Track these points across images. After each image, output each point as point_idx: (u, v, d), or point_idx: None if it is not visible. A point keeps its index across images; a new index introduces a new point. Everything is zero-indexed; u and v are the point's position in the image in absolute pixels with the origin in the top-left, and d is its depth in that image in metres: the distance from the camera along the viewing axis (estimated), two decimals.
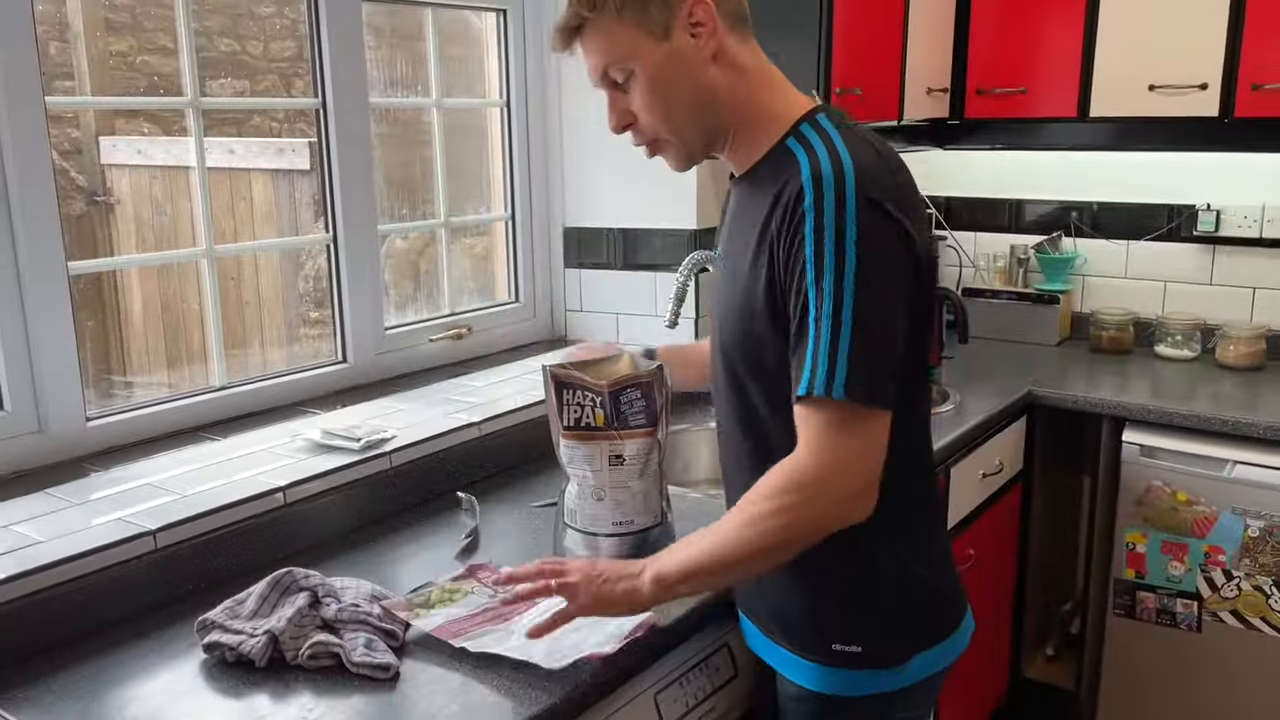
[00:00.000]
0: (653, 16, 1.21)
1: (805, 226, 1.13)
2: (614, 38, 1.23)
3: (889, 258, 1.15)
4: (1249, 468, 2.38)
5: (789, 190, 1.16)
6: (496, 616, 1.43)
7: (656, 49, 1.22)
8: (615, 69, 1.25)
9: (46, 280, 1.70)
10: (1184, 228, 2.96)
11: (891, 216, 1.15)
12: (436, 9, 2.41)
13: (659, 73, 1.23)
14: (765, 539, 1.16)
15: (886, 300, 1.15)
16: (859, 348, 1.12)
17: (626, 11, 1.21)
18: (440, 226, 2.51)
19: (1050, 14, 2.77)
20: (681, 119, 1.26)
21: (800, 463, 1.16)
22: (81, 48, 3.19)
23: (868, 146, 1.21)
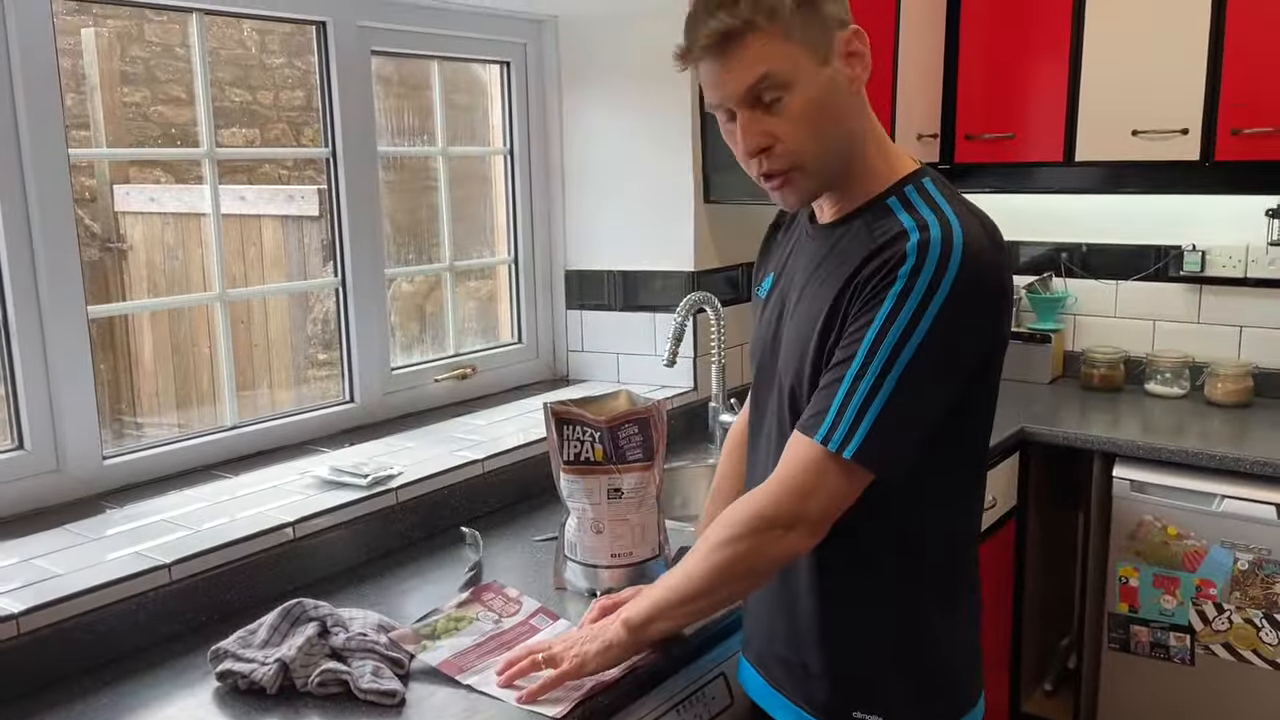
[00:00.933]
0: (817, 38, 1.17)
1: (893, 288, 1.11)
2: (780, 51, 1.15)
3: (958, 348, 1.14)
4: (1237, 502, 2.43)
5: (892, 251, 1.13)
6: (500, 645, 1.48)
7: (819, 72, 1.17)
8: (771, 85, 1.16)
9: (67, 324, 1.77)
10: (1171, 268, 3.03)
11: (985, 307, 1.15)
12: (443, 61, 2.50)
13: (819, 96, 1.18)
14: (724, 567, 1.20)
15: (934, 382, 1.14)
16: (887, 418, 1.12)
17: (797, 29, 1.15)
18: (445, 270, 2.58)
19: (1035, 61, 2.86)
20: (829, 147, 1.21)
21: (762, 499, 1.19)
22: (98, 99, 3.29)
23: (975, 221, 1.17)
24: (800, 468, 1.17)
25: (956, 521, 1.31)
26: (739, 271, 2.72)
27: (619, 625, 1.31)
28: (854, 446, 1.13)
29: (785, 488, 1.17)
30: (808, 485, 1.16)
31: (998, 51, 2.91)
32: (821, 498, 1.16)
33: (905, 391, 1.12)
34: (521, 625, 1.54)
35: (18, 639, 1.37)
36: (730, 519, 1.21)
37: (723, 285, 2.64)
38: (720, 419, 2.49)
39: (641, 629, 1.31)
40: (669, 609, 1.28)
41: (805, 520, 1.17)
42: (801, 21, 1.15)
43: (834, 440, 1.14)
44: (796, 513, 1.17)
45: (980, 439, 1.30)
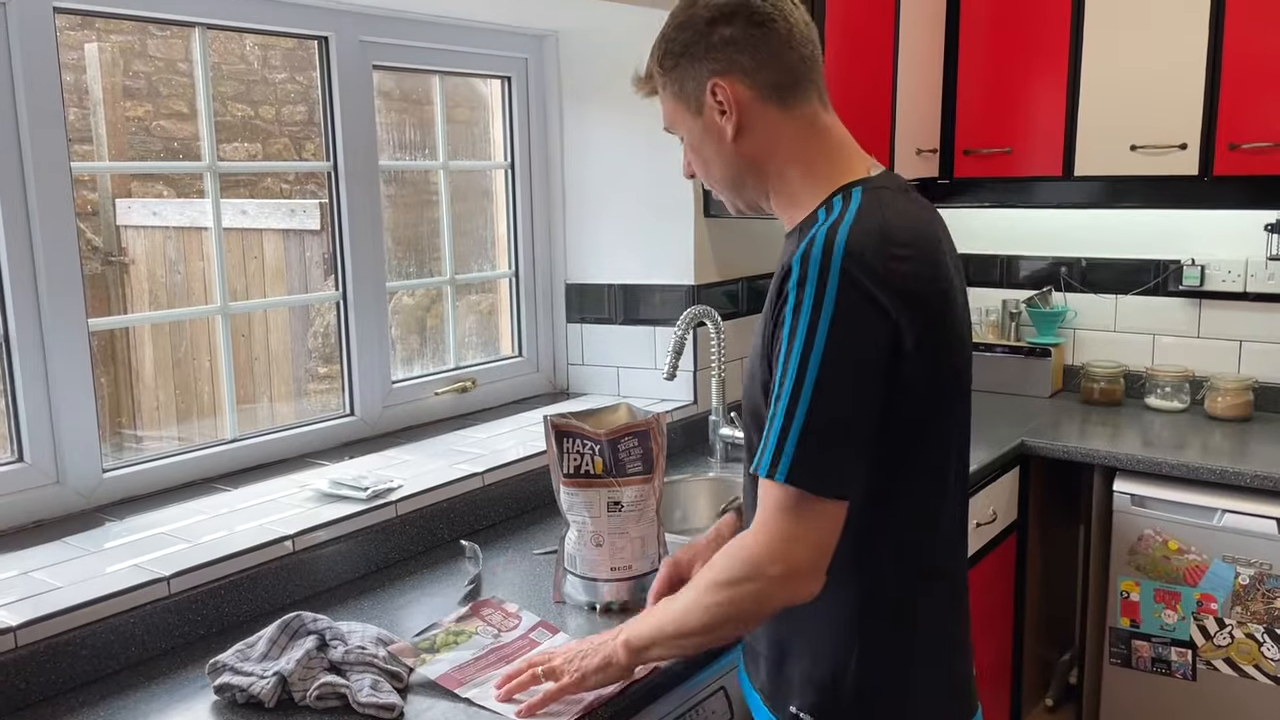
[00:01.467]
0: (688, 93, 1.29)
1: (788, 305, 1.14)
2: (665, 104, 1.34)
3: (864, 345, 1.12)
4: (1238, 516, 2.43)
5: (787, 264, 1.16)
6: (500, 659, 1.47)
7: (694, 121, 1.30)
8: (670, 129, 1.36)
9: (68, 337, 1.78)
10: (1170, 282, 3.04)
11: (872, 311, 1.11)
12: (444, 75, 2.51)
13: (694, 141, 1.32)
14: (721, 610, 1.20)
15: (852, 390, 1.12)
16: (810, 435, 1.11)
17: (668, 87, 1.32)
18: (446, 284, 2.59)
19: (1034, 77, 2.87)
20: (717, 182, 1.34)
21: (746, 543, 1.18)
22: (100, 114, 3.30)
23: (877, 228, 1.15)
24: (772, 511, 1.15)
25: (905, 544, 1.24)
26: (739, 285, 2.72)
27: (620, 644, 1.32)
28: (784, 469, 1.11)
29: (767, 535, 1.15)
30: (788, 531, 1.14)
31: (996, 67, 2.93)
32: (805, 542, 1.14)
33: (821, 405, 1.11)
34: (521, 639, 1.53)
35: (15, 652, 1.37)
36: (731, 559, 1.19)
37: (722, 299, 2.64)
38: (720, 432, 2.49)
39: (640, 652, 1.31)
40: (667, 639, 1.28)
41: (797, 568, 1.14)
42: (671, 79, 1.31)
43: (763, 467, 1.13)
44: (789, 562, 1.14)
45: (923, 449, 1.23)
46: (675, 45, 1.29)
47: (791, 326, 1.13)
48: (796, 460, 1.11)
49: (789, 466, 1.11)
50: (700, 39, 1.26)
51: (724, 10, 1.25)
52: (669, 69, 1.30)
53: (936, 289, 1.19)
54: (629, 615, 1.61)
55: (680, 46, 1.28)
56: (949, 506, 1.29)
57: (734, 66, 1.25)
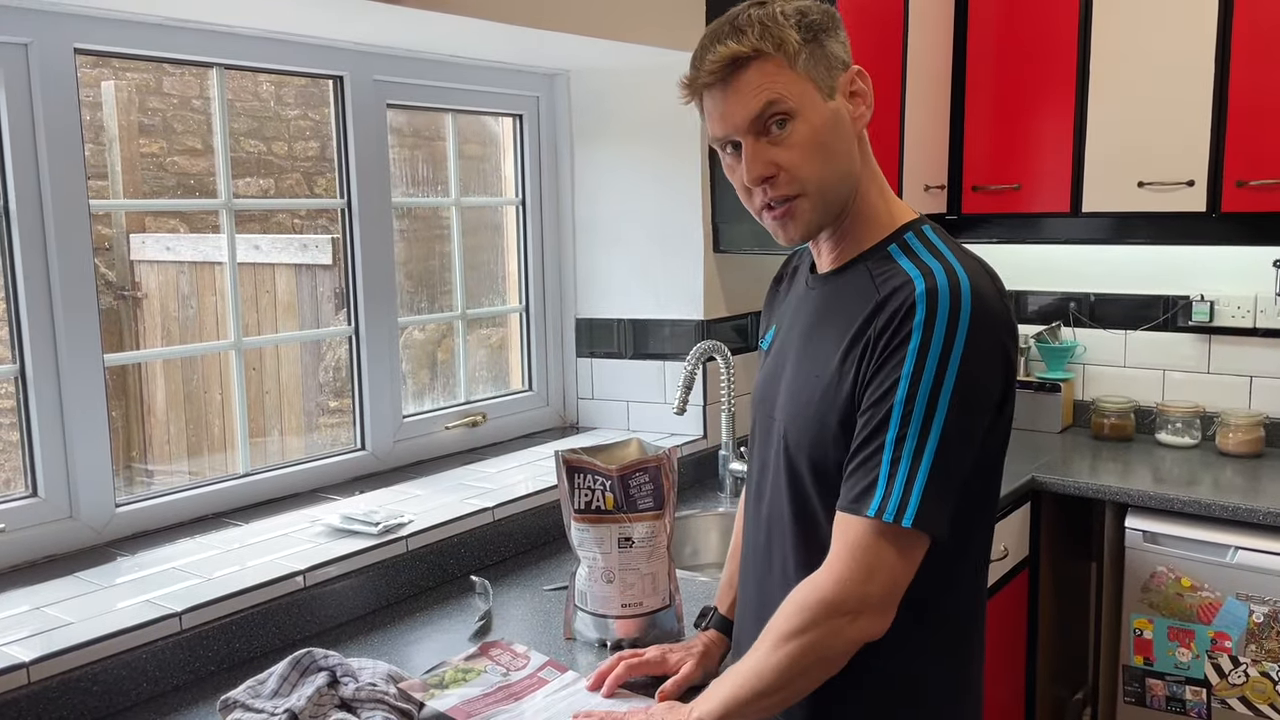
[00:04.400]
0: (823, 73, 1.19)
1: (911, 343, 1.10)
2: (787, 79, 1.17)
3: (986, 389, 1.13)
4: (1251, 553, 2.41)
5: (898, 301, 1.13)
6: (509, 696, 1.47)
7: (824, 105, 1.19)
8: (776, 112, 1.17)
9: (83, 372, 1.79)
10: (1179, 318, 3.04)
11: (1000, 346, 1.14)
12: (457, 113, 2.54)
13: (823, 127, 1.19)
14: (794, 659, 1.15)
15: (972, 433, 1.13)
16: (937, 478, 1.10)
17: (803, 59, 1.17)
18: (457, 318, 2.60)
19: (1041, 114, 2.89)
20: (830, 180, 1.21)
21: (823, 582, 1.15)
22: (116, 150, 3.35)
23: (977, 265, 1.18)
24: (857, 548, 1.13)
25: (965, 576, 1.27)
26: (748, 320, 2.73)
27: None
28: (911, 514, 1.10)
29: (847, 571, 1.13)
30: (868, 566, 1.12)
31: (1004, 103, 2.95)
32: (883, 577, 1.12)
33: (949, 448, 1.10)
34: (530, 679, 1.53)
35: (28, 688, 1.37)
36: (796, 608, 1.16)
37: (731, 334, 2.65)
38: (730, 467, 2.49)
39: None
40: (742, 705, 1.19)
41: (870, 604, 1.13)
42: (808, 55, 1.18)
43: (888, 512, 1.10)
44: (862, 597, 1.12)
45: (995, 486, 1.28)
46: (815, 21, 1.18)
47: (917, 363, 1.10)
48: (925, 503, 1.10)
49: (917, 511, 1.09)
50: (834, 24, 1.20)
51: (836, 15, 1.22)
52: (808, 41, 1.17)
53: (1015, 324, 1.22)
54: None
55: (823, 21, 1.19)
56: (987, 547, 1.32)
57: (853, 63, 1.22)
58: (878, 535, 1.12)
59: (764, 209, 1.23)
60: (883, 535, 1.12)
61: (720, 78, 1.18)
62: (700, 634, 1.56)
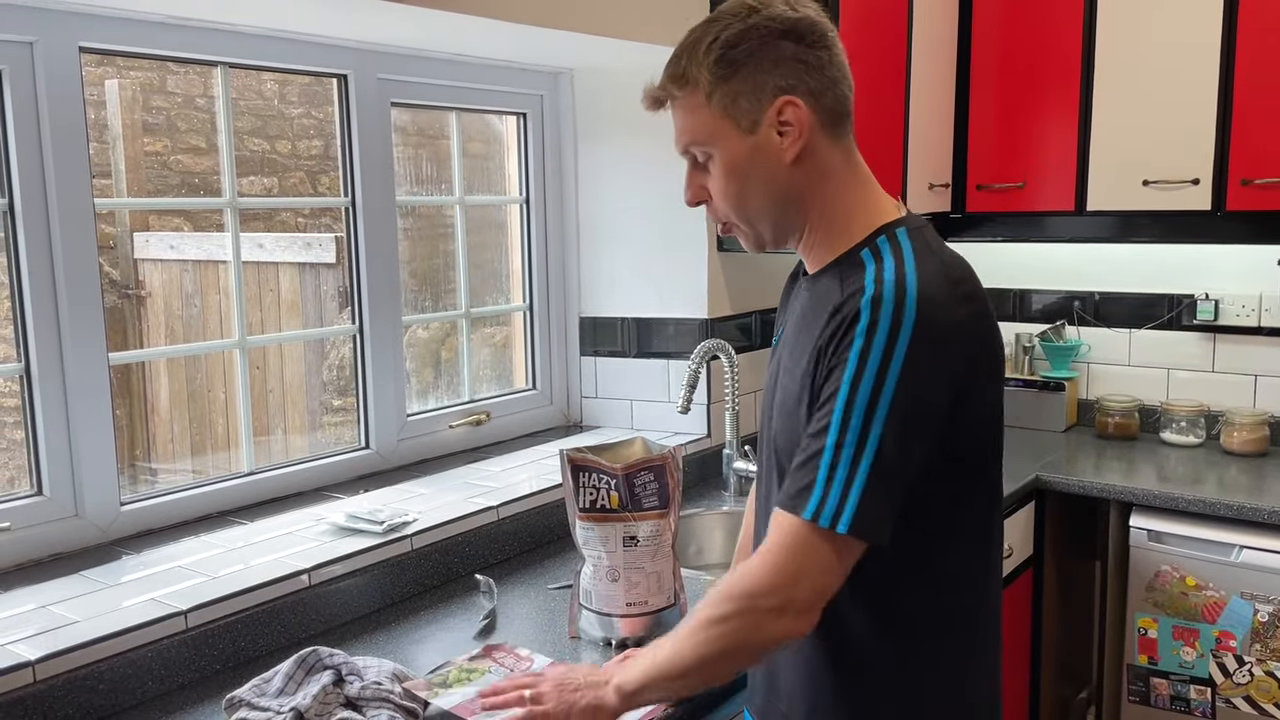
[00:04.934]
0: (741, 108, 1.18)
1: (853, 349, 1.11)
2: (700, 119, 1.21)
3: (928, 398, 1.12)
4: (1256, 552, 2.41)
5: (848, 308, 1.13)
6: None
7: (740, 141, 1.20)
8: (696, 149, 1.24)
9: (88, 372, 1.79)
10: (1184, 317, 3.04)
11: (946, 353, 1.12)
12: (460, 112, 2.54)
13: (738, 164, 1.21)
14: (713, 645, 1.16)
15: (912, 438, 1.12)
16: (873, 485, 1.10)
17: (716, 98, 1.19)
18: (461, 317, 2.60)
19: (1045, 112, 2.89)
20: (753, 211, 1.24)
21: (753, 571, 1.15)
22: (120, 149, 3.35)
23: (939, 272, 1.15)
24: (788, 547, 1.13)
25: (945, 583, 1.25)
26: (752, 319, 2.73)
27: (611, 689, 1.27)
28: (847, 519, 1.09)
29: (777, 567, 1.13)
30: (797, 567, 1.12)
31: (1008, 101, 2.95)
32: (812, 580, 1.12)
33: (887, 454, 1.10)
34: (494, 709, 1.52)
35: (34, 686, 1.37)
36: (724, 595, 1.17)
37: (736, 333, 2.65)
38: (734, 465, 2.49)
39: (632, 697, 1.26)
40: (660, 680, 1.23)
41: (796, 604, 1.13)
42: (724, 92, 1.19)
43: (824, 517, 1.10)
44: (789, 596, 1.13)
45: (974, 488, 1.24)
46: (736, 53, 1.18)
47: (857, 370, 1.10)
48: (859, 513, 1.09)
49: (853, 517, 1.09)
50: (766, 50, 1.17)
51: (794, 25, 1.18)
52: (722, 78, 1.18)
53: (989, 325, 1.20)
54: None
55: (742, 55, 1.17)
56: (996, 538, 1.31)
57: (801, 86, 1.18)
58: (812, 537, 1.12)
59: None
60: (817, 538, 1.11)
61: (653, 110, 1.26)
62: None
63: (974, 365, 1.15)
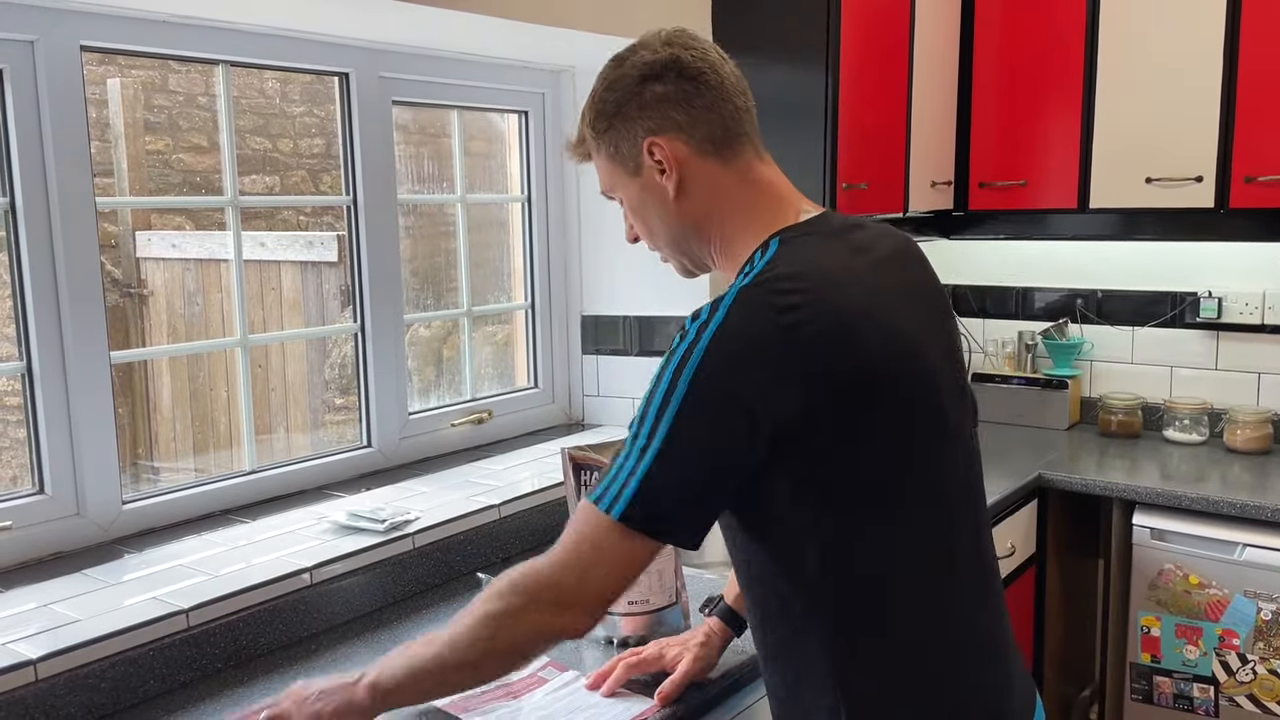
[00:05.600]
0: (624, 154, 1.27)
1: (666, 354, 1.14)
2: (601, 168, 1.32)
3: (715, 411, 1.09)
4: (1260, 550, 2.40)
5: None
6: (507, 694, 1.47)
7: (631, 183, 1.28)
8: (608, 194, 1.35)
9: (90, 371, 1.79)
10: (1187, 314, 3.03)
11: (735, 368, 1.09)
12: (462, 110, 2.54)
13: (634, 203, 1.30)
14: (487, 641, 1.14)
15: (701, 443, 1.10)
16: (652, 482, 1.09)
17: (603, 149, 1.29)
18: (463, 315, 2.60)
19: (1048, 109, 2.88)
20: (664, 243, 1.32)
21: (539, 565, 1.14)
22: (122, 147, 3.35)
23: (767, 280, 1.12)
24: (582, 540, 1.13)
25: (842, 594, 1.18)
26: None
27: (363, 687, 1.19)
28: (621, 507, 1.09)
29: (567, 561, 1.13)
30: (586, 563, 1.12)
31: (1011, 99, 2.94)
32: (600, 572, 1.12)
33: (674, 449, 1.09)
34: (530, 677, 1.52)
35: (35, 685, 1.37)
36: (507, 585, 1.15)
37: None
38: None
39: (388, 696, 1.19)
40: (423, 675, 1.17)
41: (581, 600, 1.13)
42: (607, 141, 1.28)
43: (604, 501, 1.11)
44: (575, 591, 1.13)
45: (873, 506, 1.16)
46: (607, 106, 1.27)
47: (659, 373, 1.12)
48: (632, 503, 1.09)
49: (625, 505, 1.09)
50: (632, 98, 1.25)
51: (653, 67, 1.24)
52: (602, 131, 1.28)
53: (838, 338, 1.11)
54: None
55: (612, 107, 1.26)
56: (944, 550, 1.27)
57: (668, 124, 1.23)
58: (602, 531, 1.11)
59: None
60: (606, 532, 1.11)
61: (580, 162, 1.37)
62: (704, 622, 1.55)
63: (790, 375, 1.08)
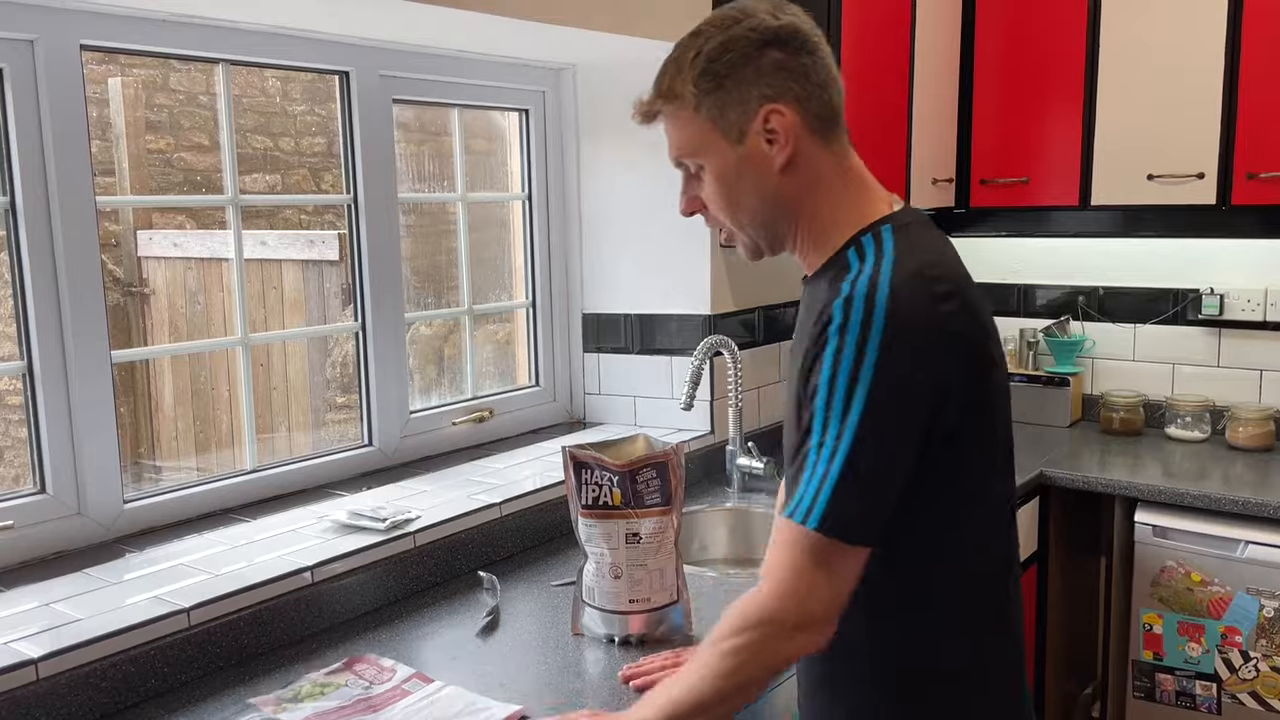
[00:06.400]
0: (729, 119, 1.19)
1: (827, 350, 1.10)
2: (689, 131, 1.22)
3: (901, 404, 1.10)
4: (1262, 548, 2.40)
5: (826, 311, 1.12)
6: (367, 708, 1.45)
7: (729, 151, 1.20)
8: (688, 160, 1.24)
9: (91, 370, 1.79)
10: (1189, 311, 3.03)
11: (919, 355, 1.10)
12: (463, 108, 2.54)
13: (728, 174, 1.21)
14: (730, 676, 1.15)
15: (889, 440, 1.10)
16: (846, 486, 1.09)
17: (704, 109, 1.20)
18: (464, 314, 2.60)
19: (1049, 107, 2.88)
20: (745, 219, 1.24)
21: (761, 595, 1.14)
22: (123, 146, 3.35)
23: (916, 270, 1.13)
24: (790, 560, 1.12)
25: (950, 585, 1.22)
26: (755, 314, 2.72)
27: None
28: (816, 516, 1.09)
29: (786, 586, 1.12)
30: (803, 581, 1.12)
31: (1012, 96, 2.94)
32: (822, 593, 1.12)
33: (863, 451, 1.09)
34: (393, 690, 1.49)
35: (37, 684, 1.37)
36: (739, 621, 1.16)
37: (739, 329, 2.64)
38: (737, 462, 2.49)
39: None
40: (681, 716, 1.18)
41: (812, 619, 1.13)
42: (711, 103, 1.19)
43: (799, 513, 1.11)
44: (802, 612, 1.12)
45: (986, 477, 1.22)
46: (719, 66, 1.18)
47: (831, 376, 1.10)
48: (830, 512, 1.09)
49: (822, 517, 1.09)
50: (748, 61, 1.17)
51: (774, 33, 1.18)
52: (707, 91, 1.19)
53: (978, 323, 1.16)
54: (647, 649, 1.61)
55: (725, 68, 1.18)
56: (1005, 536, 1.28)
57: (787, 93, 1.18)
58: (805, 546, 1.11)
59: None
60: (809, 546, 1.11)
61: (645, 123, 1.26)
62: None
63: (955, 361, 1.12)
